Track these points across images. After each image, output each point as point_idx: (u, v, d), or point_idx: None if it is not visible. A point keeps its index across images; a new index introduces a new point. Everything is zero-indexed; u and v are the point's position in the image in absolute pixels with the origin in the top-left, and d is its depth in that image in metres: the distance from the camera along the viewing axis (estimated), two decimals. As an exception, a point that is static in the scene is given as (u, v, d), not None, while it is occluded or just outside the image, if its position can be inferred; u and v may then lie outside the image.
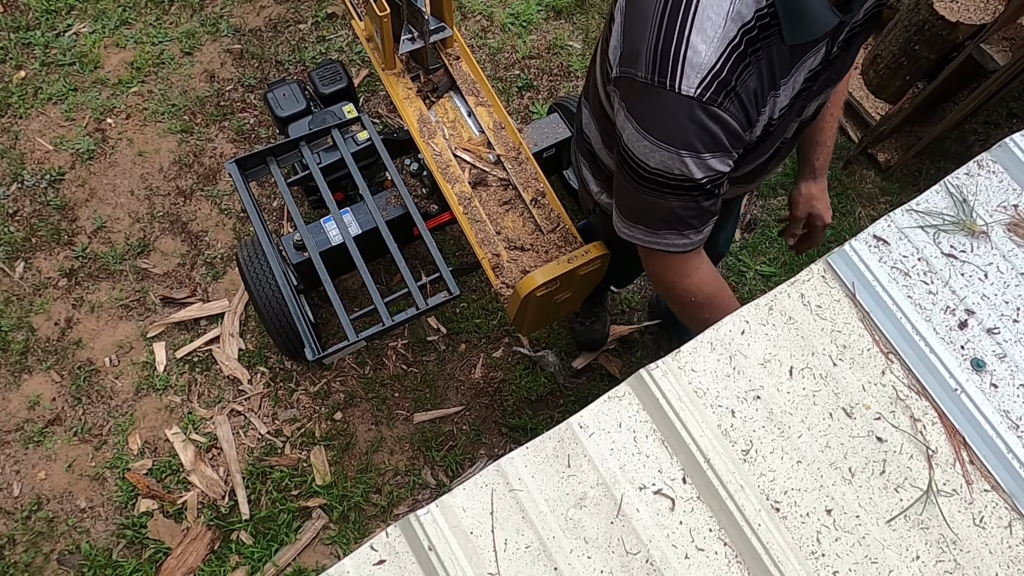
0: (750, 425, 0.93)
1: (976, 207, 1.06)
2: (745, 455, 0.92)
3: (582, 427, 0.93)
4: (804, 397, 0.95)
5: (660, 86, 1.03)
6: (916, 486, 0.91)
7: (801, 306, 1.00)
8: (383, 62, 2.17)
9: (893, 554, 0.88)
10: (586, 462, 0.92)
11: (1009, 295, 1.00)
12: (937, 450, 0.93)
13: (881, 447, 0.93)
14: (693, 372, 0.96)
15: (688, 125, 1.04)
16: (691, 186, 1.11)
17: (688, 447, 0.91)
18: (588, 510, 0.90)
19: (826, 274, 1.03)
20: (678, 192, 1.13)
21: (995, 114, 3.07)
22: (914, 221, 1.05)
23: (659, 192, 1.14)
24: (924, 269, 1.02)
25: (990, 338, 0.98)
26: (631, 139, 1.11)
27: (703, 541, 0.88)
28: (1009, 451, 0.92)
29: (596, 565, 0.87)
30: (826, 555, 0.88)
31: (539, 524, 0.89)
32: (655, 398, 0.94)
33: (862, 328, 0.99)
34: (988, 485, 0.91)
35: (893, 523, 0.89)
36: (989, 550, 0.88)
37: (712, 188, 1.14)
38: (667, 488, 0.90)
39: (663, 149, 1.07)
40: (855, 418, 0.94)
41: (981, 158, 1.10)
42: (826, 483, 0.91)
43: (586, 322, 2.56)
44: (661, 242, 1.23)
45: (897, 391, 0.95)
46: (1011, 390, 0.95)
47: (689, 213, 1.18)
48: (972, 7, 2.49)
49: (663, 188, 1.13)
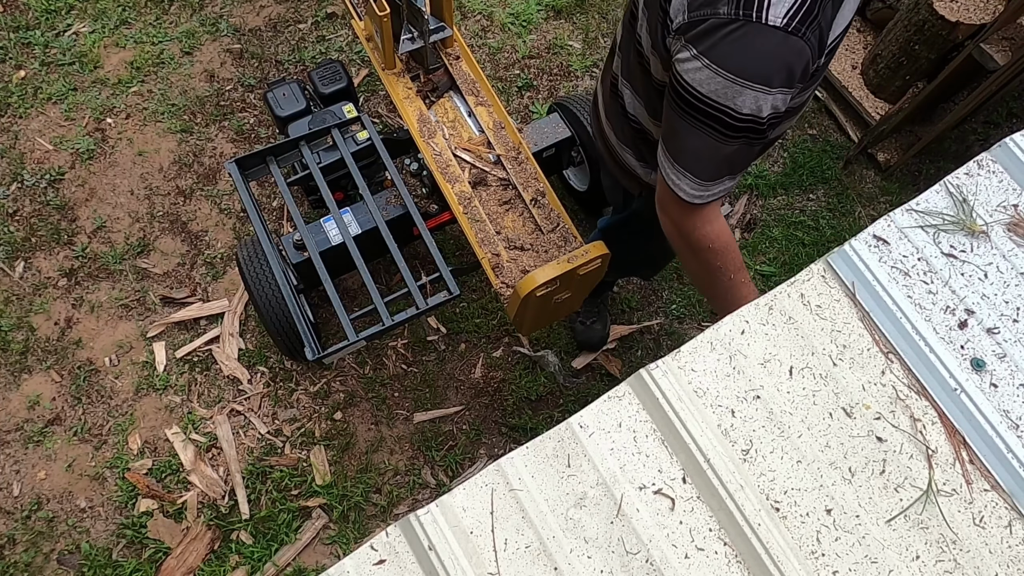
0: (750, 425, 0.93)
1: (976, 207, 1.06)
2: (745, 455, 0.92)
3: (582, 427, 0.93)
4: (804, 397, 0.95)
5: (745, 19, 1.04)
6: (916, 486, 0.91)
7: (801, 306, 1.00)
8: (383, 62, 2.17)
9: (893, 554, 0.88)
10: (586, 462, 0.92)
11: (1009, 295, 1.00)
12: (937, 450, 0.93)
13: (881, 447, 0.93)
14: (693, 372, 0.96)
15: (768, 58, 1.06)
16: (754, 126, 1.13)
17: (688, 447, 0.91)
18: (588, 510, 0.90)
19: (826, 274, 1.03)
20: (738, 134, 1.14)
21: (995, 114, 3.07)
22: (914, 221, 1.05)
23: (720, 135, 1.15)
24: (924, 269, 1.02)
25: (990, 338, 0.98)
26: (698, 82, 1.11)
27: (703, 541, 0.88)
28: (1009, 451, 0.92)
29: (596, 565, 0.87)
30: (826, 555, 0.88)
31: (539, 524, 0.89)
32: (655, 398, 0.94)
33: (862, 328, 0.99)
34: (988, 485, 0.91)
35: (893, 523, 0.89)
36: (989, 550, 0.88)
37: (768, 129, 1.16)
38: (667, 488, 0.90)
39: (738, 85, 1.08)
40: (855, 418, 0.94)
41: (981, 158, 1.10)
42: (826, 483, 0.91)
43: (587, 321, 2.56)
44: (704, 194, 1.24)
45: (897, 391, 0.95)
46: (1011, 390, 0.95)
47: (741, 157, 1.19)
48: (972, 7, 2.49)
49: (726, 130, 1.14)
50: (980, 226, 1.04)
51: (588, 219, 2.83)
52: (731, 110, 1.11)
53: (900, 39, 2.67)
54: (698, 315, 2.70)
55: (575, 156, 2.55)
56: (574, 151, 2.52)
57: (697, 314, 2.70)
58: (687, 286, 2.74)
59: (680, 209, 1.28)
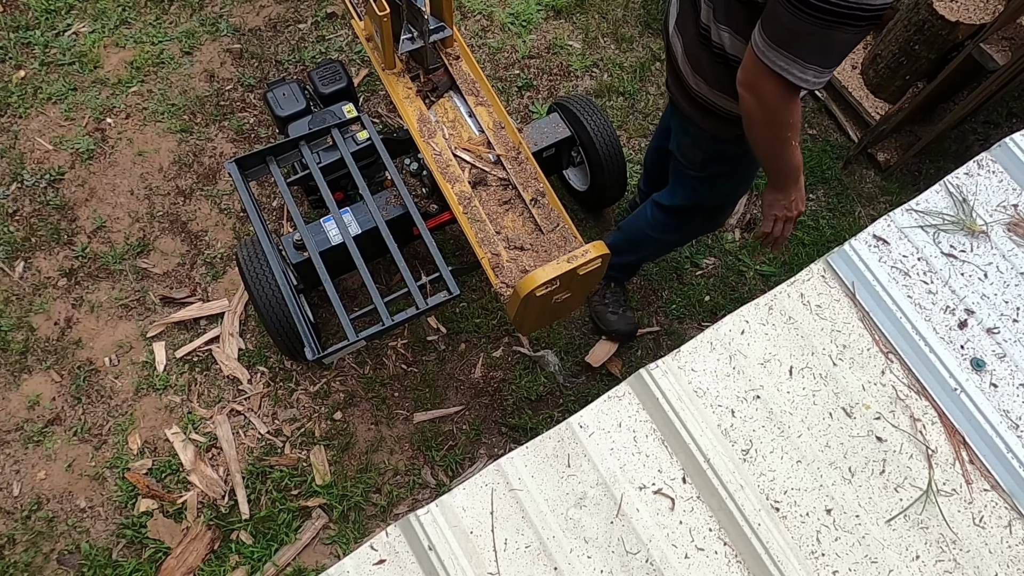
0: (750, 425, 0.93)
1: (976, 207, 1.06)
2: (745, 455, 0.92)
3: (582, 427, 0.93)
4: (804, 397, 0.95)
5: None
6: (916, 486, 0.91)
7: (801, 306, 1.00)
8: (383, 62, 2.17)
9: (893, 554, 0.88)
10: (586, 462, 0.92)
11: (1009, 295, 1.00)
12: (937, 450, 0.93)
13: (881, 447, 0.93)
14: (693, 372, 0.96)
15: None
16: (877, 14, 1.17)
17: (688, 447, 0.91)
18: (588, 510, 0.90)
19: (826, 274, 1.03)
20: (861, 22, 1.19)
21: (995, 114, 3.07)
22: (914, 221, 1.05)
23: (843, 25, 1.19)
24: (924, 269, 1.02)
25: (990, 338, 0.98)
26: None
27: (703, 541, 0.88)
28: (1009, 451, 0.92)
29: (596, 565, 0.87)
30: (826, 555, 0.88)
31: (539, 524, 0.89)
32: (655, 398, 0.94)
33: (862, 328, 0.99)
34: (988, 485, 0.91)
35: (893, 523, 0.89)
36: (989, 549, 0.88)
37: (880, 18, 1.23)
38: (667, 488, 0.90)
39: None
40: (855, 418, 0.94)
41: (981, 158, 1.10)
42: (826, 483, 0.91)
43: (619, 310, 2.51)
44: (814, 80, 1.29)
45: (897, 391, 0.96)
46: (1011, 390, 0.95)
47: (851, 45, 1.25)
48: (972, 7, 2.49)
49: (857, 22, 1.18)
50: (980, 226, 1.04)
51: (588, 219, 2.83)
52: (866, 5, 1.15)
53: (900, 39, 2.67)
54: (698, 315, 2.71)
55: (575, 156, 2.55)
56: (574, 151, 2.52)
57: (697, 314, 2.70)
58: (687, 286, 2.74)
59: (782, 91, 1.35)
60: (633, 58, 3.14)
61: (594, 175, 2.52)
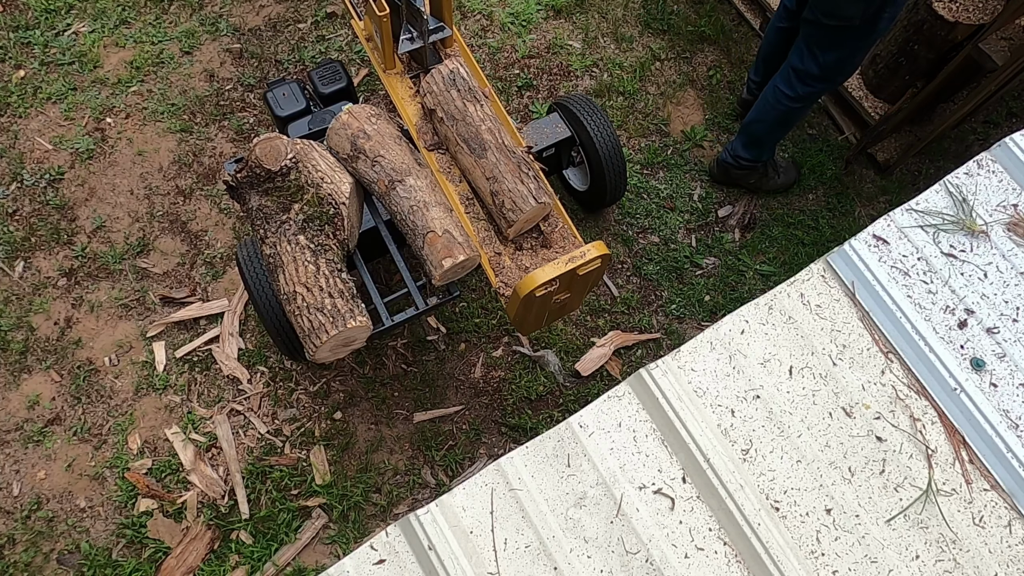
0: (750, 425, 0.93)
1: (976, 207, 1.06)
2: (745, 455, 0.92)
3: (582, 427, 0.93)
4: (804, 397, 0.95)
5: None
6: (916, 485, 0.91)
7: (801, 306, 1.00)
8: (383, 62, 2.17)
9: (893, 553, 0.88)
10: (586, 462, 0.92)
11: (1009, 294, 1.01)
12: (937, 449, 0.93)
13: (881, 447, 0.93)
14: (693, 372, 0.96)
15: None
16: None
17: (688, 447, 0.91)
18: (588, 509, 0.90)
19: (826, 273, 1.03)
20: None
21: (994, 114, 3.08)
22: (914, 220, 1.06)
23: None
24: (924, 268, 1.02)
25: (990, 337, 0.98)
26: None
27: (703, 540, 0.88)
28: (1008, 450, 0.92)
29: (596, 564, 0.87)
30: (826, 554, 0.88)
31: (539, 523, 0.89)
32: (655, 398, 0.94)
33: (862, 328, 0.99)
34: (987, 484, 0.91)
35: (893, 522, 0.89)
36: (988, 549, 0.88)
37: None
38: (667, 488, 0.91)
39: None
40: (855, 417, 0.94)
41: (981, 158, 1.10)
42: (826, 482, 0.91)
43: (779, 171, 2.83)
44: None
45: (897, 390, 0.96)
46: (1011, 389, 0.95)
47: None
48: (971, 7, 2.49)
49: None
50: (980, 226, 1.04)
51: (588, 219, 2.83)
52: None
53: (899, 39, 2.67)
54: (698, 315, 2.71)
55: (575, 156, 2.55)
56: (574, 151, 2.52)
57: (697, 314, 2.71)
58: (687, 286, 2.74)
59: None
60: (633, 58, 3.14)
61: (594, 175, 2.52)
